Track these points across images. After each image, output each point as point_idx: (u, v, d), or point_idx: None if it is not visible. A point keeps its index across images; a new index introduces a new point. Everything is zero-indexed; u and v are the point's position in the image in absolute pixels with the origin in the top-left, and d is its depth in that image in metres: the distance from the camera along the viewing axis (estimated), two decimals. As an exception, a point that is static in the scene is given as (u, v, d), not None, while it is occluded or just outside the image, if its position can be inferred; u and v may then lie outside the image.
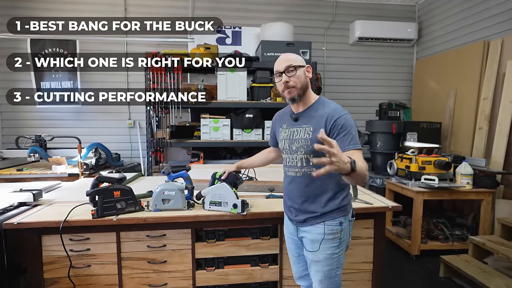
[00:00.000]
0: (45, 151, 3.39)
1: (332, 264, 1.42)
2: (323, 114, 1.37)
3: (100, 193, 1.64)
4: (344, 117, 1.33)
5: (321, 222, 1.40)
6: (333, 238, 1.40)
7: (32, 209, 1.78)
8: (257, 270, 1.85)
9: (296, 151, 1.42)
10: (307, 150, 1.38)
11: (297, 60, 1.40)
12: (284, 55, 1.43)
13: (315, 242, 1.41)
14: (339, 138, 1.30)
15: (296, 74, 1.37)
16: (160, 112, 3.59)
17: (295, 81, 1.37)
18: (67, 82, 3.95)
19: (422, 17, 4.64)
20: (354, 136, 1.32)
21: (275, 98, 3.74)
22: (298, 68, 1.38)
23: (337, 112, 1.35)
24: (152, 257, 1.75)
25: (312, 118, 1.40)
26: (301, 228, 1.47)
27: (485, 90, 3.44)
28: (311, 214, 1.41)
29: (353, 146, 1.30)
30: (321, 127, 1.31)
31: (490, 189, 2.96)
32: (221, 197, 1.72)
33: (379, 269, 1.93)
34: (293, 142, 1.43)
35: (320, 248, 1.41)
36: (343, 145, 1.29)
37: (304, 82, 1.39)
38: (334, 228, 1.40)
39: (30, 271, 1.66)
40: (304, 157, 1.40)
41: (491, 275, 2.36)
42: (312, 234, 1.42)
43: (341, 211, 1.41)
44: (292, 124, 1.46)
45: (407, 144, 3.39)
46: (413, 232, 2.99)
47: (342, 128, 1.31)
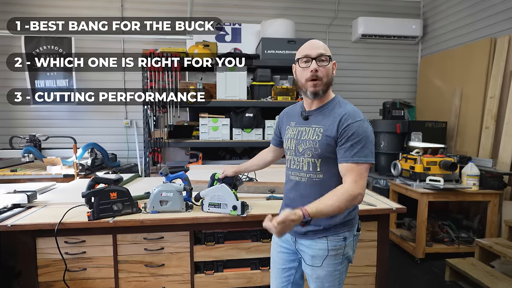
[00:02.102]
0: (40, 151, 3.40)
1: (334, 281, 1.34)
2: (337, 115, 1.26)
3: (96, 194, 1.64)
4: (359, 124, 1.23)
5: (324, 237, 1.30)
6: (335, 254, 1.31)
7: (26, 211, 1.78)
8: (257, 274, 1.85)
9: (303, 153, 1.31)
10: (314, 153, 1.28)
11: (328, 52, 1.29)
12: (315, 41, 1.32)
13: (317, 258, 1.33)
14: (345, 146, 1.22)
15: (327, 66, 1.27)
16: (158, 111, 3.60)
17: (324, 73, 1.27)
18: (62, 81, 3.95)
19: (427, 14, 4.63)
20: (364, 147, 1.21)
21: (276, 97, 3.74)
22: (328, 61, 1.27)
23: (353, 116, 1.24)
24: (149, 260, 1.75)
25: (325, 118, 1.29)
26: (300, 241, 1.37)
27: (492, 88, 3.44)
28: (313, 227, 1.29)
29: (357, 159, 1.20)
30: (333, 130, 1.24)
31: (497, 191, 2.95)
32: (220, 198, 1.72)
33: (383, 273, 1.92)
34: (300, 143, 1.33)
35: (322, 265, 1.32)
36: (345, 155, 1.21)
37: (331, 77, 1.30)
38: (338, 244, 1.31)
39: (24, 275, 1.66)
40: (311, 161, 1.30)
41: (498, 279, 2.35)
42: (313, 249, 1.33)
43: (346, 225, 1.32)
44: (302, 123, 1.36)
45: (411, 144, 3.39)
46: (417, 234, 2.99)
47: (352, 136, 1.21)
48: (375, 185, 3.67)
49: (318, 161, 1.29)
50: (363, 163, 1.21)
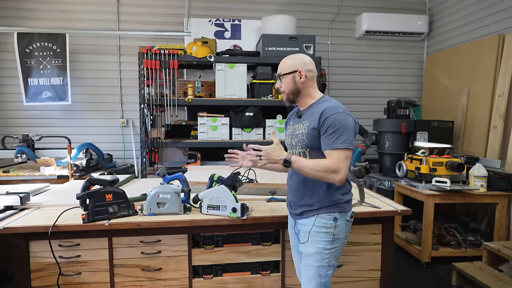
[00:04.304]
0: (33, 152, 3.40)
1: (323, 260, 1.47)
2: (321, 109, 1.48)
3: (91, 196, 1.64)
4: (335, 115, 1.42)
5: (315, 215, 1.50)
6: (325, 232, 1.47)
7: (19, 213, 1.79)
8: (257, 278, 1.85)
9: (296, 145, 1.58)
10: (303, 144, 1.53)
11: (287, 67, 1.55)
12: (283, 60, 1.59)
13: (306, 234, 1.51)
14: (325, 136, 1.43)
15: (283, 82, 1.56)
16: (155, 110, 3.60)
17: (284, 88, 1.57)
18: (56, 78, 3.95)
19: (433, 9, 4.63)
20: (340, 135, 1.40)
21: (277, 95, 3.74)
22: (284, 76, 1.55)
23: (331, 110, 1.44)
24: (146, 264, 1.75)
25: (312, 115, 1.52)
26: (298, 221, 1.58)
27: (500, 86, 3.44)
28: (307, 207, 1.52)
29: (334, 145, 1.40)
30: (316, 122, 1.46)
31: (505, 192, 2.95)
32: (219, 200, 1.72)
33: (388, 277, 1.93)
34: (293, 137, 1.60)
35: (310, 240, 1.49)
36: (326, 144, 1.43)
37: (292, 88, 1.55)
38: (328, 222, 1.48)
39: (17, 279, 1.66)
40: (302, 151, 1.54)
41: (506, 284, 2.35)
42: (305, 226, 1.52)
43: (337, 207, 1.50)
44: (296, 121, 1.61)
45: (417, 144, 3.39)
46: (423, 237, 2.99)
47: (330, 127, 1.41)
48: (380, 186, 3.67)
49: (306, 151, 1.53)
50: (341, 149, 1.40)
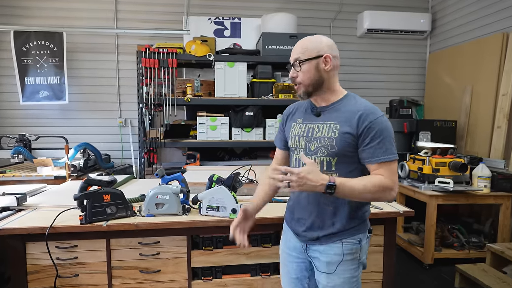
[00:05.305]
0: (30, 152, 3.40)
1: None
2: (355, 110, 1.24)
3: (89, 197, 1.64)
4: (379, 121, 1.21)
5: (338, 241, 1.28)
6: (352, 259, 1.29)
7: (15, 214, 1.78)
8: (257, 280, 1.85)
9: (316, 151, 1.28)
10: (330, 151, 1.25)
11: (309, 50, 1.26)
12: (298, 43, 1.31)
13: (331, 264, 1.29)
14: (370, 145, 1.20)
15: (306, 69, 1.26)
16: (154, 109, 3.60)
17: (302, 77, 1.28)
18: (53, 77, 3.95)
19: (436, 7, 4.63)
20: (389, 144, 1.21)
21: (277, 94, 3.74)
22: (305, 63, 1.26)
23: (373, 113, 1.22)
24: (144, 266, 1.75)
25: (340, 114, 1.26)
26: (312, 247, 1.33)
27: (504, 85, 3.44)
28: (327, 230, 1.28)
29: (385, 157, 1.20)
30: (352, 125, 1.22)
31: (509, 193, 2.95)
32: (219, 201, 1.72)
33: (390, 279, 1.92)
34: (311, 141, 1.29)
35: (337, 271, 1.28)
36: (373, 155, 1.20)
37: (315, 78, 1.26)
38: (353, 248, 1.29)
39: (14, 281, 1.66)
40: (326, 159, 1.26)
41: (510, 286, 2.35)
42: (328, 255, 1.29)
43: (361, 227, 1.32)
44: (312, 120, 1.33)
45: (419, 144, 3.39)
46: (426, 239, 2.99)
47: (376, 135, 1.20)
48: (382, 187, 3.66)
49: (333, 159, 1.26)
50: (392, 161, 1.21)
